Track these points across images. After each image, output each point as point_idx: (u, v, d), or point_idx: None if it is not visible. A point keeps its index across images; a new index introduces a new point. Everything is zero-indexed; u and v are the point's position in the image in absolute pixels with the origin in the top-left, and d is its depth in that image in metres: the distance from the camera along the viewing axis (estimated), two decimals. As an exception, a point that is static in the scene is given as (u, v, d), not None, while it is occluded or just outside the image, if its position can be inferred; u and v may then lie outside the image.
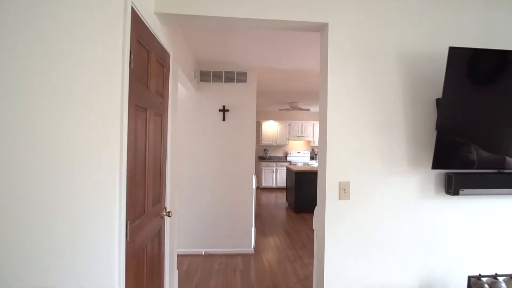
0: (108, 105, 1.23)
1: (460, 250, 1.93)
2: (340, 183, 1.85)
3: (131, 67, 1.33)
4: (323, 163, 1.92)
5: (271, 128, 9.37)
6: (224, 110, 3.83)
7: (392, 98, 1.89)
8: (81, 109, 1.21)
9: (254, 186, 3.84)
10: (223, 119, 3.83)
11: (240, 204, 3.86)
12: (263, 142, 9.34)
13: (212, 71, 3.82)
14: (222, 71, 3.83)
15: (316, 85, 5.02)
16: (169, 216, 2.07)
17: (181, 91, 3.76)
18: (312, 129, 9.47)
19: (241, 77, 3.84)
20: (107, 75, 1.23)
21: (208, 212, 3.84)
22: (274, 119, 9.30)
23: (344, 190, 1.84)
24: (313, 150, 9.76)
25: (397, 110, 1.90)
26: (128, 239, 1.32)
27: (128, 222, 1.34)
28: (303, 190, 6.16)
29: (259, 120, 9.25)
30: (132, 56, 1.33)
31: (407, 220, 1.91)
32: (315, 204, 2.16)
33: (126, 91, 1.30)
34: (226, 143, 3.85)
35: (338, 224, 1.87)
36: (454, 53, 1.65)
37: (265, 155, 9.40)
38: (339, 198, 1.86)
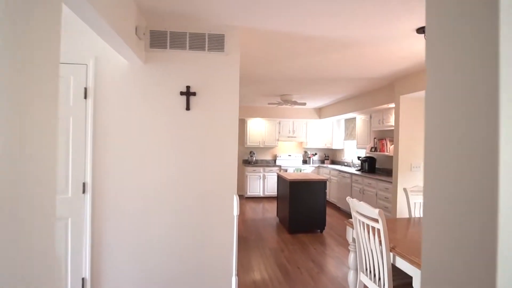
0: None
1: None
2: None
3: None
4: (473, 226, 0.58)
5: (258, 127, 8.03)
6: (188, 94, 2.44)
7: None
8: None
9: (235, 212, 2.46)
10: (187, 108, 2.44)
11: (213, 242, 2.48)
12: (248, 143, 7.98)
13: (170, 32, 2.43)
14: (185, 33, 2.44)
15: (326, 64, 3.70)
16: None
17: (115, 60, 2.35)
18: (305, 129, 8.19)
19: (216, 42, 2.47)
20: None
21: (163, 256, 2.43)
22: (262, 116, 7.97)
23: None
24: (305, 152, 8.49)
25: None
26: None
27: None
28: (300, 205, 4.84)
29: (244, 117, 7.89)
30: None
31: None
32: (315, 224, 0.91)
33: None
34: (191, 146, 2.46)
35: None
36: None
37: (250, 159, 8.05)
38: None
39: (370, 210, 2.14)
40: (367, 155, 6.36)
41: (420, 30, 2.50)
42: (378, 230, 2.10)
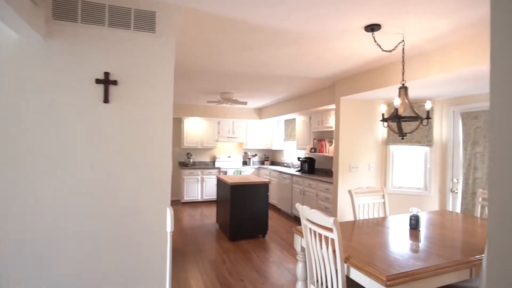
0: None
1: None
2: None
3: None
4: None
5: (195, 127, 7.53)
6: (107, 82, 1.93)
7: None
8: None
9: (169, 229, 2.04)
10: (106, 100, 1.93)
11: (140, 267, 2.00)
12: (185, 144, 7.42)
13: (82, 2, 1.89)
14: (104, 5, 1.93)
15: (271, 61, 3.46)
16: None
17: (0, 31, 1.73)
18: (245, 129, 7.97)
19: (145, 21, 2.02)
20: None
21: (70, 290, 1.88)
22: (200, 115, 7.49)
23: None
24: (246, 153, 8.28)
25: None
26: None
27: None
28: (241, 210, 4.56)
29: (180, 116, 7.31)
30: None
31: None
32: (257, 229, 0.73)
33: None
34: (111, 148, 1.95)
35: None
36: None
37: (187, 161, 7.50)
38: None
39: (323, 219, 1.94)
40: (307, 155, 6.41)
41: (368, 28, 2.42)
42: (332, 239, 1.92)
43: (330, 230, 1.91)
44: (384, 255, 1.95)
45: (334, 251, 1.91)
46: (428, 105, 2.43)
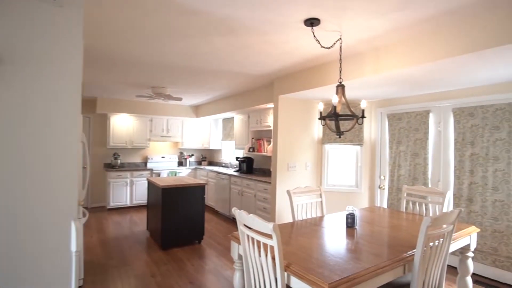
0: None
1: None
2: None
3: None
4: None
5: (124, 124, 6.80)
6: (-19, 58, 1.45)
7: None
8: None
9: (74, 247, 1.62)
10: (-22, 81, 1.45)
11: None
12: (112, 143, 6.64)
13: None
14: (-24, -46, 1.44)
15: (207, 52, 3.17)
16: None
17: None
18: (181, 128, 7.49)
19: (40, -17, 1.57)
20: None
21: None
22: (129, 111, 6.78)
23: None
24: (181, 153, 7.80)
25: None
26: None
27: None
28: (174, 215, 4.18)
29: (105, 111, 6.52)
30: None
31: None
32: (192, 234, 0.62)
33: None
34: (-13, 146, 1.47)
35: None
36: None
37: (114, 162, 6.72)
38: None
39: (262, 224, 1.76)
40: (245, 155, 6.28)
41: (308, 22, 2.33)
42: (271, 246, 1.75)
43: (269, 236, 1.74)
44: (325, 259, 1.85)
45: (273, 259, 1.75)
46: (363, 104, 2.45)
